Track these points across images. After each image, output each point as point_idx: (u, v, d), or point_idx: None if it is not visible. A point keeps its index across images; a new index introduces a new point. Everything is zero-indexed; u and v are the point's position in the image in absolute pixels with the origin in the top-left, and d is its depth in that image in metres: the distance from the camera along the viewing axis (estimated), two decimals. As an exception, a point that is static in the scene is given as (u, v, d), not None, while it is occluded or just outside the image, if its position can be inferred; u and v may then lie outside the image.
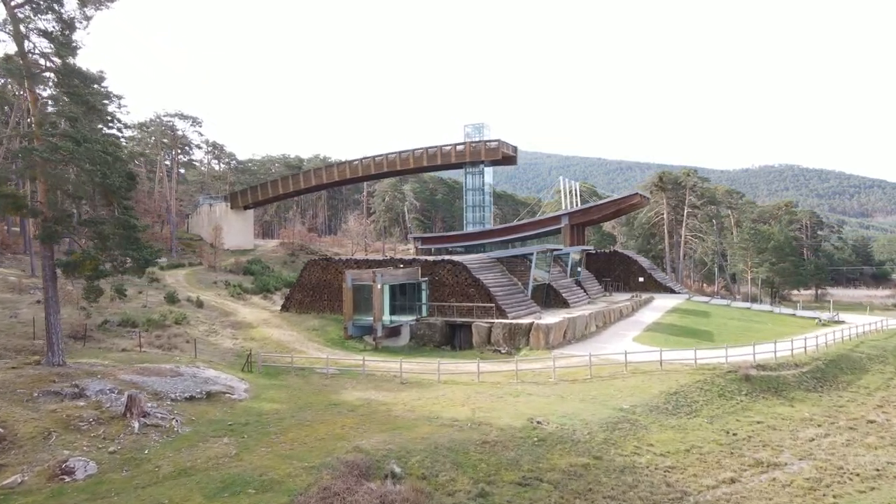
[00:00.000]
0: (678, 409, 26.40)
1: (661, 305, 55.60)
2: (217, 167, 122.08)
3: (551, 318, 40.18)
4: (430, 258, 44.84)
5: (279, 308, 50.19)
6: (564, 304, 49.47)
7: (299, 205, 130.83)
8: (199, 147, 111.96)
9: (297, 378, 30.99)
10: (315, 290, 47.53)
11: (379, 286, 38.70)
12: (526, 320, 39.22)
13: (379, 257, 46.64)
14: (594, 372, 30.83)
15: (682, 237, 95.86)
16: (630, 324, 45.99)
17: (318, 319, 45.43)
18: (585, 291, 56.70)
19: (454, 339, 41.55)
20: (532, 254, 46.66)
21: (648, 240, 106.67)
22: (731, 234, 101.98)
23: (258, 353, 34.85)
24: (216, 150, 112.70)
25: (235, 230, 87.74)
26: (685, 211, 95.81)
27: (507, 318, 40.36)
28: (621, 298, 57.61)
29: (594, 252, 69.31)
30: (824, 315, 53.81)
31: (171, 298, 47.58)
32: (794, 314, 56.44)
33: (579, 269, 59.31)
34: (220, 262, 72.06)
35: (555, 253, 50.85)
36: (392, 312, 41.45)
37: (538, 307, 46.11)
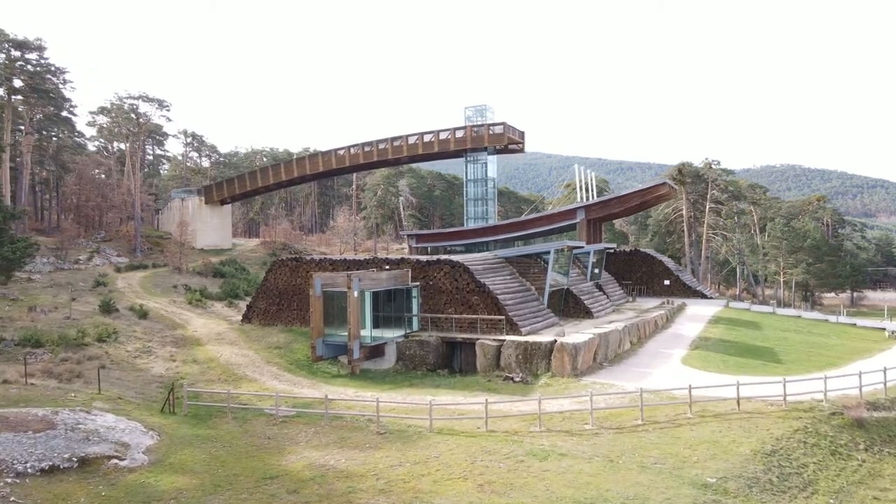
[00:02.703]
0: (787, 482, 17.72)
1: (697, 314, 46.96)
2: (199, 161, 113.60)
3: (576, 333, 31.52)
4: (423, 258, 36.17)
5: (241, 318, 41.46)
6: (587, 312, 40.83)
7: (287, 201, 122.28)
8: (175, 137, 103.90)
9: (234, 424, 22.29)
10: (282, 298, 38.82)
11: (356, 293, 30.01)
12: (545, 337, 30.53)
13: (362, 257, 38.06)
14: (647, 415, 22.19)
15: (704, 235, 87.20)
16: (670, 339, 37.33)
17: (284, 334, 36.73)
18: (608, 297, 48.07)
19: (453, 361, 32.88)
20: (548, 252, 37.99)
21: (664, 238, 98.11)
22: (753, 231, 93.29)
23: (191, 383, 26.18)
24: (195, 140, 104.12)
25: (210, 227, 79.16)
26: (707, 206, 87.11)
27: (520, 333, 31.71)
28: (650, 305, 49.01)
29: (612, 251, 60.67)
30: (893, 325, 45.17)
31: (107, 307, 38.87)
32: (854, 324, 47.85)
33: (596, 270, 50.63)
34: (187, 262, 63.42)
35: (574, 252, 42.20)
36: (375, 326, 32.82)
37: (556, 318, 37.45)
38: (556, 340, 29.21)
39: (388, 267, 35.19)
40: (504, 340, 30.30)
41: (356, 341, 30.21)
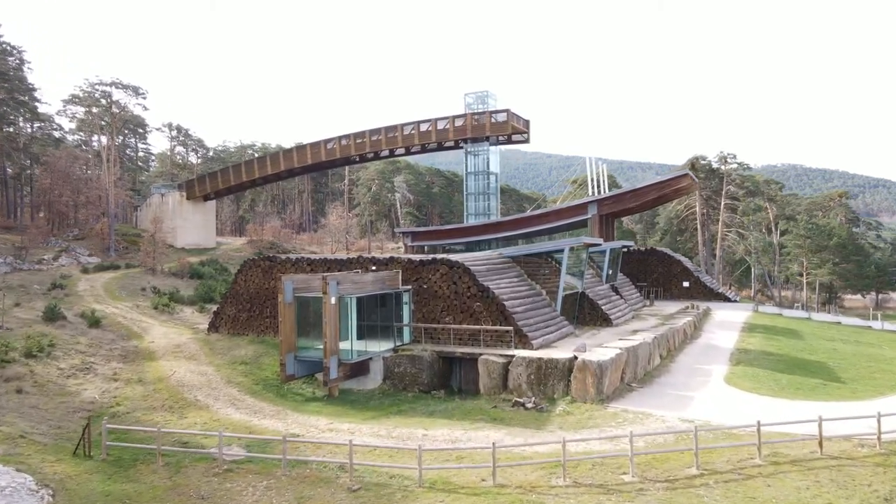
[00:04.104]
0: (923, 574, 12.52)
1: (726, 320, 41.84)
2: (187, 156, 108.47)
3: (600, 347, 26.31)
4: (416, 257, 30.96)
5: (208, 327, 36.24)
6: (605, 320, 35.66)
7: (279, 198, 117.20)
8: (160, 131, 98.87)
9: (164, 473, 17.07)
10: (253, 303, 33.61)
11: (333, 299, 24.81)
12: (562, 352, 25.36)
13: (345, 256, 32.88)
14: (703, 459, 16.98)
15: (719, 233, 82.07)
16: (704, 351, 32.13)
17: (254, 346, 31.53)
18: (625, 301, 42.92)
19: (451, 379, 27.72)
20: (561, 251, 32.82)
21: (675, 237, 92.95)
22: (764, 230, 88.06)
23: (124, 412, 20.99)
24: (181, 134, 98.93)
25: (192, 225, 74.07)
26: (722, 203, 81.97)
27: (531, 346, 26.54)
28: (671, 310, 43.84)
29: (628, 249, 55.54)
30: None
31: (52, 314, 33.68)
32: (902, 331, 42.72)
33: (610, 271, 45.41)
34: (162, 263, 58.35)
35: (591, 250, 37.01)
36: (358, 337, 27.71)
37: (570, 326, 32.29)
38: (576, 357, 24.03)
39: (374, 267, 29.99)
40: (513, 357, 25.10)
41: (333, 357, 24.99)
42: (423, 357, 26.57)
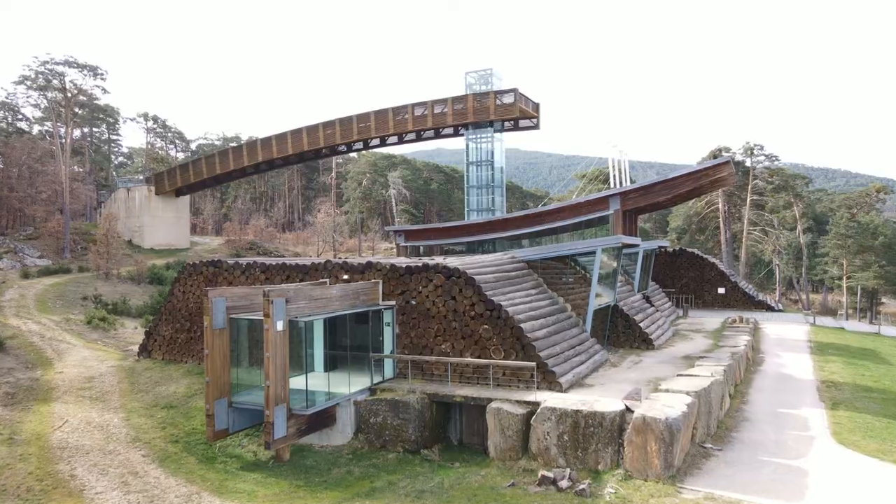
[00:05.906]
0: None
1: (784, 337, 34.43)
2: (167, 150, 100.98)
3: (659, 392, 18.85)
4: (402, 263, 23.33)
5: (138, 350, 28.68)
6: (644, 340, 28.27)
7: (267, 195, 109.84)
8: (135, 121, 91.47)
9: None
10: (194, 321, 26.09)
11: (279, 325, 17.30)
12: (606, 400, 17.88)
13: (309, 260, 25.21)
14: None
15: (744, 232, 74.62)
16: (778, 384, 24.58)
17: (189, 378, 24.02)
18: (661, 314, 35.52)
19: (448, 429, 20.28)
20: (593, 252, 25.31)
21: (694, 236, 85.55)
22: (787, 229, 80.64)
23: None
24: (157, 125, 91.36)
25: (162, 223, 66.67)
26: (748, 199, 74.56)
27: (559, 386, 19.12)
28: (712, 323, 36.73)
29: (662, 250, 48.29)
30: None
31: (-65, 335, 26.23)
32: None
33: (641, 278, 37.94)
34: (120, 265, 50.93)
35: (623, 252, 29.51)
36: (323, 370, 20.31)
37: (603, 351, 24.87)
38: (629, 410, 16.59)
39: (345, 276, 22.48)
40: (536, 405, 17.61)
41: (280, 408, 17.46)
42: (410, 403, 19.07)
